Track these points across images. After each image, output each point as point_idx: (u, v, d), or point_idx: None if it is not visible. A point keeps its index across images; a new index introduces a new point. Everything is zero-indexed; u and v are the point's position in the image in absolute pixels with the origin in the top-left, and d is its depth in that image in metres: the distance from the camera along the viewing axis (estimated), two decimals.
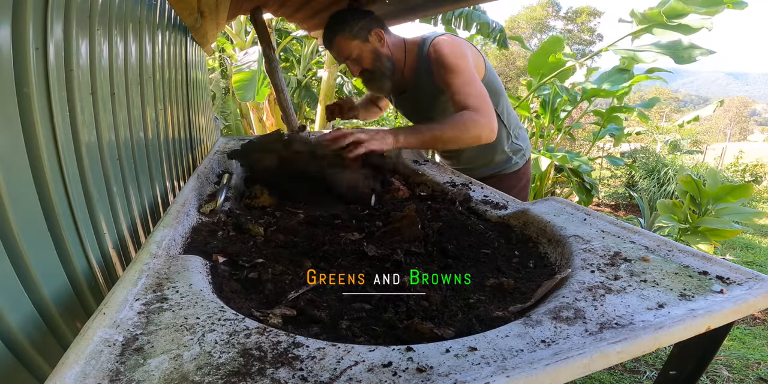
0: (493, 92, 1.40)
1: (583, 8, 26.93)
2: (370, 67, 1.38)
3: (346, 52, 1.37)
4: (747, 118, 36.36)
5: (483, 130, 1.22)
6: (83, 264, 0.74)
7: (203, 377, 0.42)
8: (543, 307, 0.56)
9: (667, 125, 10.14)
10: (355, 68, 1.39)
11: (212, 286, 0.64)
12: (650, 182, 6.45)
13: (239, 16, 4.42)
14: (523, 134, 1.64)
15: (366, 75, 1.42)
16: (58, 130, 0.69)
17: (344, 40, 1.35)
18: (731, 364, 2.21)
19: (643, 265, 0.64)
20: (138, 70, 1.19)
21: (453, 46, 1.30)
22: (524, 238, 0.86)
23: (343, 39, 1.35)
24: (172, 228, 0.81)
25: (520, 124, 1.65)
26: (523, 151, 1.63)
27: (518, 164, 1.62)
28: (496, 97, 1.44)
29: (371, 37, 1.36)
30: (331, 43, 1.38)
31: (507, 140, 1.57)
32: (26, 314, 0.57)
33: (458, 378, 0.42)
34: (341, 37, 1.35)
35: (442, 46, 1.31)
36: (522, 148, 1.62)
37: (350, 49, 1.36)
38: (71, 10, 0.76)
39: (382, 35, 1.38)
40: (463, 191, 1.05)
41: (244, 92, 4.35)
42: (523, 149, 1.63)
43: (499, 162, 1.59)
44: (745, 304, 0.53)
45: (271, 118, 6.04)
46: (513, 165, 1.61)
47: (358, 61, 1.38)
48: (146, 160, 1.22)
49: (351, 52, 1.36)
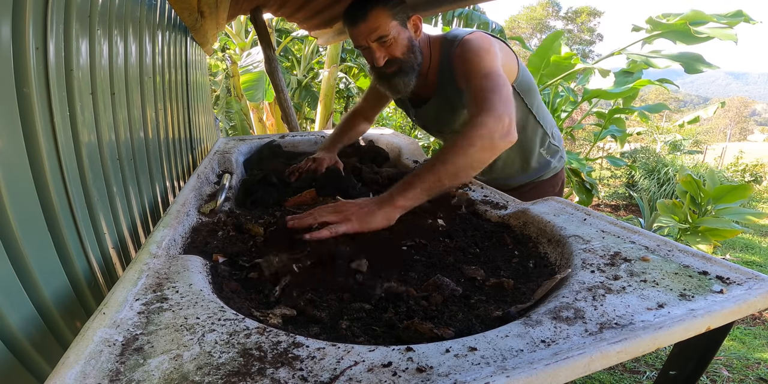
0: (526, 91, 1.28)
1: (583, 8, 26.94)
2: (401, 56, 1.14)
3: (381, 30, 1.09)
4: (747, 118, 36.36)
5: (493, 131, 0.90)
6: (83, 264, 0.74)
7: (203, 377, 0.42)
8: (543, 307, 0.56)
9: (668, 125, 10.14)
10: (382, 54, 1.12)
11: (212, 286, 0.64)
12: (650, 182, 6.45)
13: (239, 16, 4.43)
14: (558, 134, 1.46)
15: (392, 66, 1.15)
16: (58, 130, 0.69)
17: (383, 15, 1.09)
18: (731, 364, 2.21)
19: (643, 265, 0.64)
20: (138, 70, 1.19)
21: (480, 43, 1.12)
22: (524, 238, 0.85)
23: (383, 13, 1.09)
24: (172, 228, 0.81)
25: (554, 123, 1.46)
26: (560, 152, 1.45)
27: (556, 168, 1.44)
28: (530, 97, 1.30)
29: (409, 23, 1.14)
30: (363, 13, 1.09)
31: (544, 140, 1.39)
32: (26, 314, 0.57)
33: (458, 378, 0.42)
34: (381, 9, 1.09)
35: (470, 44, 1.12)
36: (559, 149, 1.44)
37: (387, 27, 1.09)
38: (71, 10, 0.76)
39: (420, 25, 1.17)
40: (465, 196, 1.04)
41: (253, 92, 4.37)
42: (561, 151, 1.45)
43: (536, 167, 1.40)
44: (745, 304, 0.53)
45: (271, 118, 6.04)
46: (552, 169, 1.43)
47: (390, 45, 1.12)
48: (146, 160, 1.22)
49: (386, 31, 1.10)
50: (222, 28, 2.92)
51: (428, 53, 1.21)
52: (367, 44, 1.12)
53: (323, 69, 6.26)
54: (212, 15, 1.97)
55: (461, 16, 4.49)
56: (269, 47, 2.98)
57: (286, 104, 3.17)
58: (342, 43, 6.24)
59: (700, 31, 2.64)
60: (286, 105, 3.17)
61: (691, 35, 2.68)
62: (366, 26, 1.10)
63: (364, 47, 1.14)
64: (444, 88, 1.24)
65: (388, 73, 1.17)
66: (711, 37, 2.63)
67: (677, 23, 2.73)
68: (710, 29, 2.64)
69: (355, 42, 1.15)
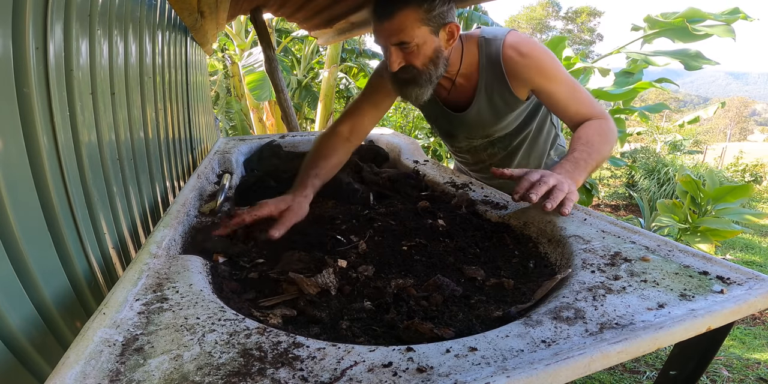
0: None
1: (583, 8, 26.95)
2: (419, 66, 1.02)
3: (404, 35, 0.97)
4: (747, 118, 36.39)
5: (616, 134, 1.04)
6: (83, 264, 0.74)
7: (203, 377, 0.42)
8: (543, 307, 0.56)
9: (668, 125, 10.14)
10: (398, 59, 1.01)
11: (212, 286, 0.64)
12: (650, 182, 6.45)
13: (239, 16, 4.43)
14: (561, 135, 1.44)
15: (406, 73, 1.04)
16: (58, 130, 0.69)
17: (412, 17, 0.96)
18: (731, 364, 2.21)
19: (644, 265, 0.64)
20: (138, 70, 1.19)
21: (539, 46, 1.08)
22: (524, 238, 0.85)
23: (412, 15, 0.96)
24: (172, 228, 0.81)
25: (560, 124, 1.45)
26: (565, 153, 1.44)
27: None
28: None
29: (442, 31, 1.02)
30: (390, 11, 0.96)
31: (554, 142, 1.36)
32: (26, 314, 0.57)
33: (458, 378, 0.42)
34: (411, 11, 0.96)
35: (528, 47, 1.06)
36: (565, 150, 1.41)
37: (411, 33, 0.97)
38: (71, 10, 0.76)
39: (456, 34, 1.04)
40: (465, 196, 1.04)
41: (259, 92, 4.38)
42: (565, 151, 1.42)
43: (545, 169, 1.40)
44: (745, 304, 0.53)
45: (271, 118, 6.05)
46: None
47: (411, 52, 1.00)
48: (146, 160, 1.22)
49: (412, 37, 0.98)
50: (222, 28, 2.92)
51: (458, 57, 1.11)
52: (386, 44, 1.01)
53: (323, 69, 6.26)
54: (212, 15, 1.97)
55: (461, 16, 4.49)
56: (269, 47, 2.98)
57: (286, 104, 3.17)
58: (342, 43, 6.24)
59: (698, 29, 2.64)
60: (286, 105, 3.17)
61: (689, 33, 2.68)
62: (389, 26, 0.97)
63: (382, 46, 1.04)
64: (490, 90, 1.15)
65: (401, 79, 1.06)
66: (709, 35, 2.63)
67: (675, 21, 2.73)
68: (708, 27, 2.64)
69: (375, 38, 1.04)
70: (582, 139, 0.99)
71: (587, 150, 0.95)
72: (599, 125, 1.02)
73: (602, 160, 0.98)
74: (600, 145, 0.97)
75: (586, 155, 0.95)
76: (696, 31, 2.64)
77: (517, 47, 1.06)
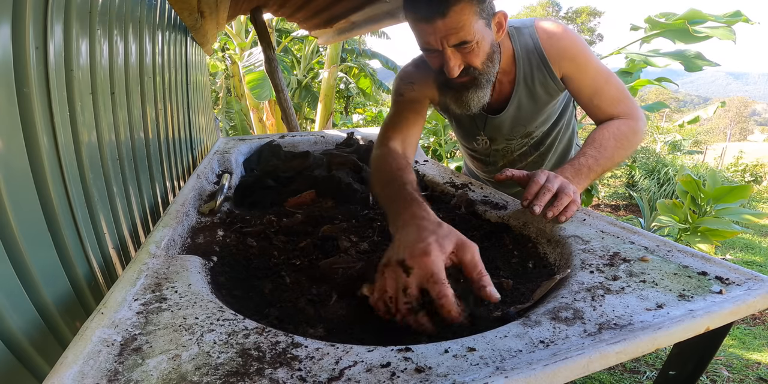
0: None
1: (583, 8, 26.94)
2: (480, 67, 0.90)
3: (465, 33, 0.83)
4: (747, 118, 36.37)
5: (641, 137, 0.95)
6: (83, 264, 0.74)
7: (202, 377, 0.42)
8: (542, 307, 0.56)
9: (668, 125, 10.14)
10: (458, 62, 0.87)
11: (211, 287, 0.64)
12: (650, 182, 6.45)
13: (239, 16, 4.43)
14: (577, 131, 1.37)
15: (464, 76, 0.90)
16: (58, 130, 0.69)
17: (468, 10, 0.82)
18: (731, 364, 2.21)
19: (642, 265, 0.64)
20: (138, 70, 1.19)
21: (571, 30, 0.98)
22: (524, 238, 0.85)
23: (469, 8, 0.82)
24: (172, 228, 0.81)
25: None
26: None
27: None
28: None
29: (494, 20, 0.89)
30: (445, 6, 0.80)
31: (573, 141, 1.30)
32: (26, 314, 0.57)
33: (457, 378, 0.42)
34: (468, 4, 0.81)
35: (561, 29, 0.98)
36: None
37: (471, 29, 0.83)
38: (71, 10, 0.76)
39: (504, 24, 0.91)
40: (464, 196, 1.03)
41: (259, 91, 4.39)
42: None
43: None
44: (744, 305, 0.53)
45: (271, 118, 6.05)
46: None
47: (470, 52, 0.87)
48: (146, 160, 1.22)
49: (471, 35, 0.84)
50: (222, 28, 2.92)
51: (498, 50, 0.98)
52: (441, 47, 0.85)
53: (323, 69, 6.26)
54: (212, 15, 1.97)
55: None
56: (269, 47, 2.98)
57: (286, 104, 3.17)
58: (342, 43, 6.24)
59: (699, 30, 2.64)
60: (286, 105, 3.17)
61: (689, 34, 2.67)
62: (444, 24, 0.82)
63: (432, 50, 0.87)
64: (529, 80, 1.04)
65: (457, 84, 0.92)
66: (710, 36, 2.63)
67: (676, 22, 2.73)
68: (709, 28, 2.64)
69: (422, 41, 0.87)
70: (595, 143, 0.91)
71: (596, 156, 0.88)
72: (620, 127, 0.93)
73: (613, 166, 0.91)
74: (614, 151, 0.90)
75: (593, 162, 0.87)
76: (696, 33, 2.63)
77: (550, 30, 0.98)
